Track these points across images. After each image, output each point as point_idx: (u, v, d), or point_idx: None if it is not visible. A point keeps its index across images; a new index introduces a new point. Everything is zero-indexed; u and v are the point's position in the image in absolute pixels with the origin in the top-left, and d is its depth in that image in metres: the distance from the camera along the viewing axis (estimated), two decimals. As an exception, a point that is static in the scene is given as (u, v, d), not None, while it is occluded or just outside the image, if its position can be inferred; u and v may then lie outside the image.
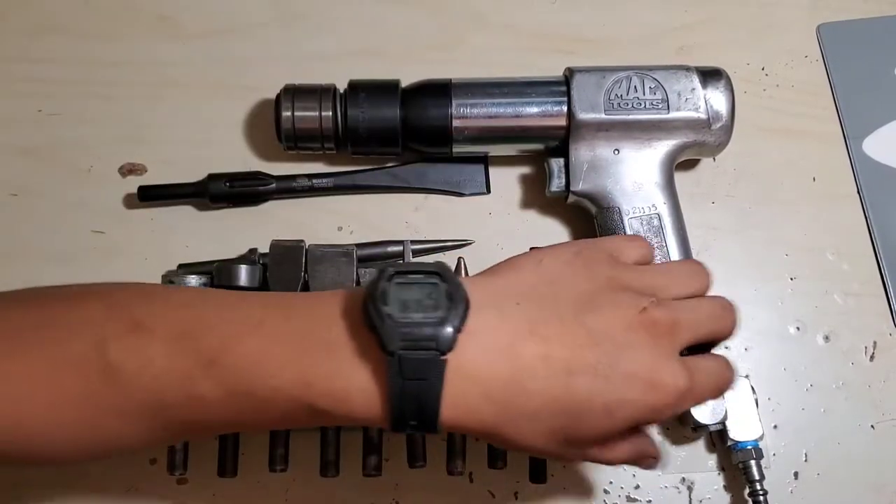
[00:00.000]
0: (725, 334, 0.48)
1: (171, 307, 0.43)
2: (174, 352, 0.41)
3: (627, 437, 0.45)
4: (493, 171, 0.64)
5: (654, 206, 0.58)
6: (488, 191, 0.63)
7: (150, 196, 0.61)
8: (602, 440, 0.43)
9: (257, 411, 0.42)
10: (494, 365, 0.41)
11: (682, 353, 0.45)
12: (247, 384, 0.41)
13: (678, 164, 0.60)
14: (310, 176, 0.62)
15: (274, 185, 0.61)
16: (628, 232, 0.57)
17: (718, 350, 0.49)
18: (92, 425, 0.42)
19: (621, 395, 0.41)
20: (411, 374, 0.39)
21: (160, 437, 0.44)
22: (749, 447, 0.55)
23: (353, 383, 0.41)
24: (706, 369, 0.45)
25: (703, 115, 0.58)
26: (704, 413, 0.55)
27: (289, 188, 0.62)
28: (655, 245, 0.57)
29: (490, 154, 0.63)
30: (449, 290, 0.41)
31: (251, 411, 0.42)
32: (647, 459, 0.46)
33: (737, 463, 0.55)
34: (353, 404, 0.41)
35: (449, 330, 0.40)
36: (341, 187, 0.62)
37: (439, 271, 0.41)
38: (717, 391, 0.46)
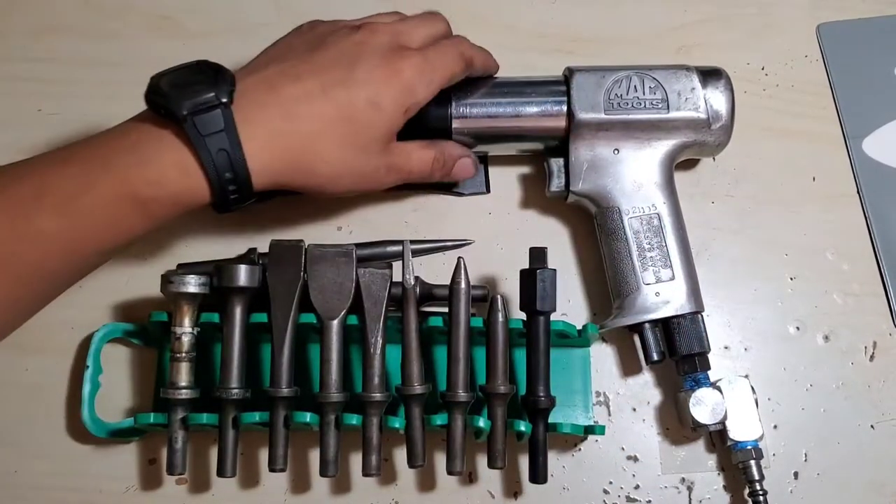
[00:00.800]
0: (462, 64, 0.55)
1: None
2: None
3: (428, 146, 0.56)
4: (492, 170, 0.64)
5: (653, 205, 0.58)
6: (488, 190, 0.63)
7: None
8: (389, 139, 0.53)
9: (92, 226, 0.47)
10: (268, 109, 0.49)
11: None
12: (74, 204, 0.46)
13: (678, 163, 0.60)
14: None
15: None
16: (629, 233, 0.57)
17: (720, 351, 0.49)
18: None
19: (375, 87, 0.51)
20: (208, 127, 0.47)
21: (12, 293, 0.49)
22: (749, 447, 0.55)
23: (164, 162, 0.47)
24: (439, 48, 0.54)
25: (702, 115, 0.58)
26: (704, 413, 0.55)
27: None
28: (655, 245, 0.57)
29: (490, 154, 0.63)
30: (209, 64, 0.50)
31: (85, 228, 0.47)
32: (456, 161, 0.58)
33: (737, 463, 0.55)
34: (170, 180, 0.47)
35: (224, 85, 0.48)
36: (341, 187, 0.62)
37: (199, 61, 0.50)
38: (454, 63, 0.55)
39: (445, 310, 0.54)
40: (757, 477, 0.55)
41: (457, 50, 0.55)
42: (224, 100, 0.48)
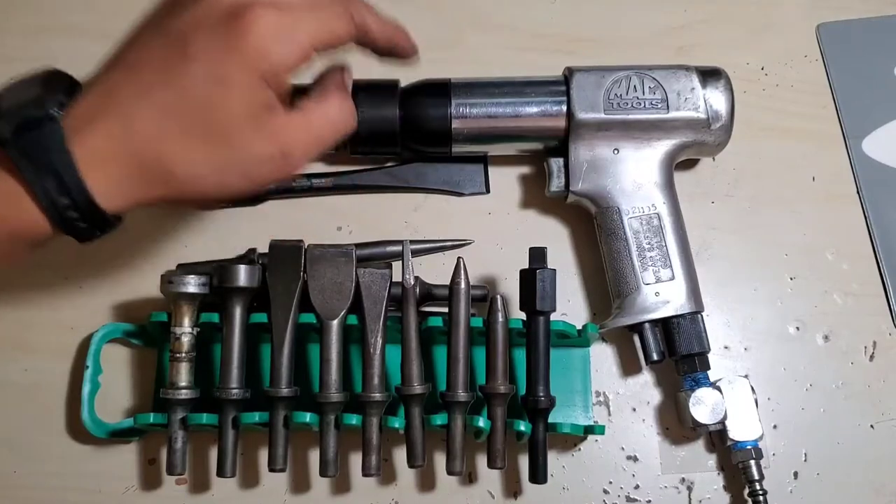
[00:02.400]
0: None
1: None
2: None
3: (321, 101, 0.46)
4: (492, 170, 0.64)
5: (653, 205, 0.58)
6: (487, 190, 0.63)
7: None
8: (258, 117, 0.42)
9: None
10: (106, 116, 0.41)
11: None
12: None
13: (678, 163, 0.60)
14: (309, 176, 0.62)
15: (273, 185, 0.61)
16: (628, 233, 0.57)
17: (720, 351, 0.49)
18: None
19: (214, 59, 0.41)
20: (34, 148, 0.40)
21: None
22: (749, 447, 0.55)
23: (4, 217, 0.41)
24: (310, 2, 0.44)
25: (702, 115, 0.58)
26: (704, 413, 0.55)
27: (288, 188, 0.62)
28: (655, 245, 0.57)
29: (489, 154, 0.63)
30: (51, 70, 0.43)
31: None
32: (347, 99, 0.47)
33: (736, 463, 0.55)
34: (4, 212, 0.41)
35: (54, 96, 0.41)
36: (340, 187, 0.62)
37: (40, 70, 0.43)
38: (332, 20, 0.44)
39: (445, 310, 0.54)
40: (757, 477, 0.55)
41: (340, 6, 0.44)
42: (52, 112, 0.40)
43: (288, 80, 0.44)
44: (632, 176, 0.58)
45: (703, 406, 0.55)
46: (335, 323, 0.53)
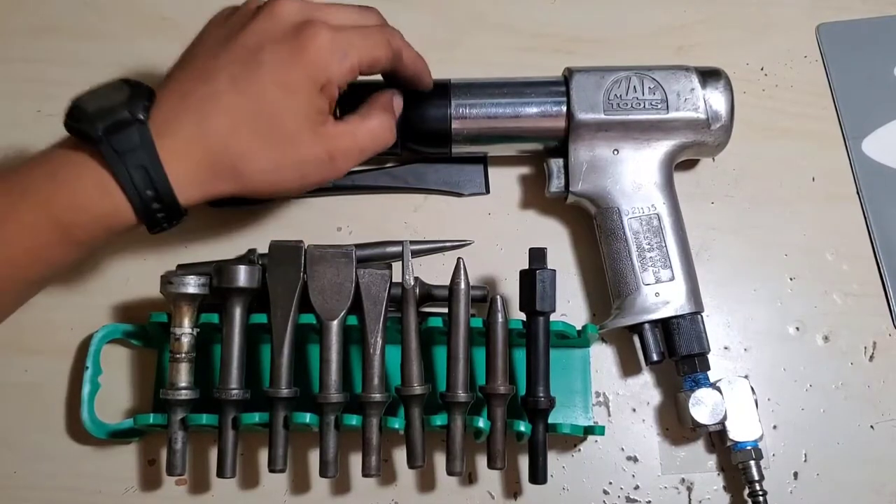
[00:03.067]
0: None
1: None
2: None
3: (371, 114, 0.53)
4: (492, 171, 0.64)
5: (653, 206, 0.58)
6: (487, 191, 0.63)
7: None
8: (315, 122, 0.49)
9: (15, 256, 0.46)
10: (182, 118, 0.47)
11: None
12: None
13: (677, 164, 0.60)
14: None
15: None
16: (628, 234, 0.57)
17: (720, 351, 0.48)
18: None
19: (280, 68, 0.48)
20: (124, 146, 0.45)
21: None
22: (748, 447, 0.55)
23: (84, 185, 0.46)
24: (359, 28, 0.51)
25: (702, 116, 0.58)
26: (704, 413, 0.55)
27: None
28: (655, 245, 0.57)
29: (489, 154, 0.63)
30: (126, 80, 0.48)
31: (8, 259, 0.46)
32: (393, 117, 0.54)
33: (736, 463, 0.55)
34: (91, 203, 0.46)
35: (139, 101, 0.46)
36: (340, 187, 0.62)
37: (118, 79, 0.48)
38: (375, 46, 0.51)
39: (445, 310, 0.54)
40: (757, 477, 0.55)
41: (382, 35, 0.51)
42: (140, 116, 0.46)
43: (336, 94, 0.50)
44: (631, 176, 0.58)
45: (702, 406, 0.55)
46: (335, 323, 0.53)
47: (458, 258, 0.53)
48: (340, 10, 0.51)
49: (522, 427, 0.53)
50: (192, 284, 0.53)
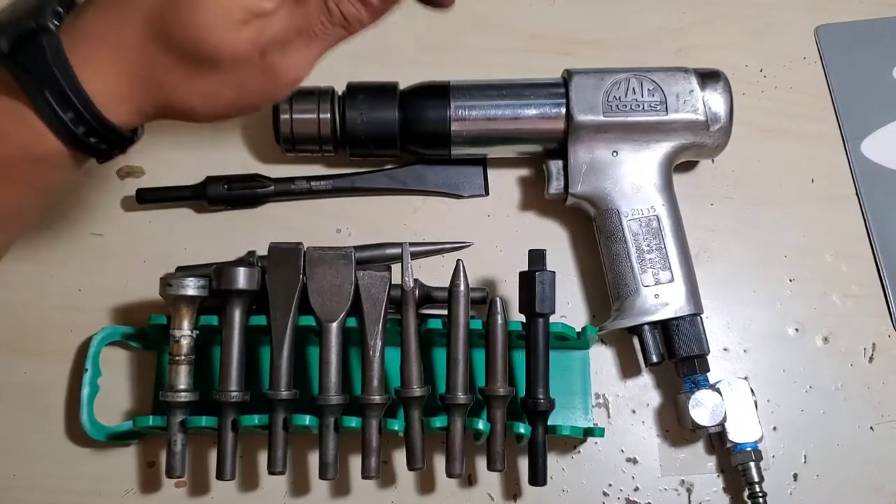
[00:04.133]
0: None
1: None
2: None
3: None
4: (491, 173, 0.64)
5: (652, 207, 0.58)
6: (486, 193, 0.63)
7: (148, 199, 0.61)
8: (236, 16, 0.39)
9: None
10: (105, 18, 0.40)
11: None
12: None
13: (677, 165, 0.60)
14: (308, 178, 0.62)
15: (272, 187, 0.61)
16: (628, 235, 0.57)
17: (719, 353, 0.48)
18: None
19: None
20: (30, 60, 0.39)
21: None
22: (748, 449, 0.55)
23: (16, 139, 0.40)
24: None
25: (701, 117, 0.58)
26: (704, 415, 0.55)
27: (287, 190, 0.62)
28: (654, 247, 0.57)
29: (489, 156, 0.63)
30: None
31: None
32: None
33: (736, 465, 0.55)
34: (10, 131, 0.40)
35: (48, 7, 0.39)
36: (339, 189, 0.62)
37: None
38: None
39: (445, 312, 0.54)
40: (756, 479, 0.55)
41: None
42: (49, 25, 0.39)
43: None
44: (631, 178, 0.58)
45: (702, 408, 0.55)
46: (334, 325, 0.53)
47: (458, 260, 0.53)
48: None
49: (522, 429, 0.53)
50: (191, 286, 0.53)
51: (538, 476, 0.53)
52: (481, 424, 0.52)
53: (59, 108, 0.40)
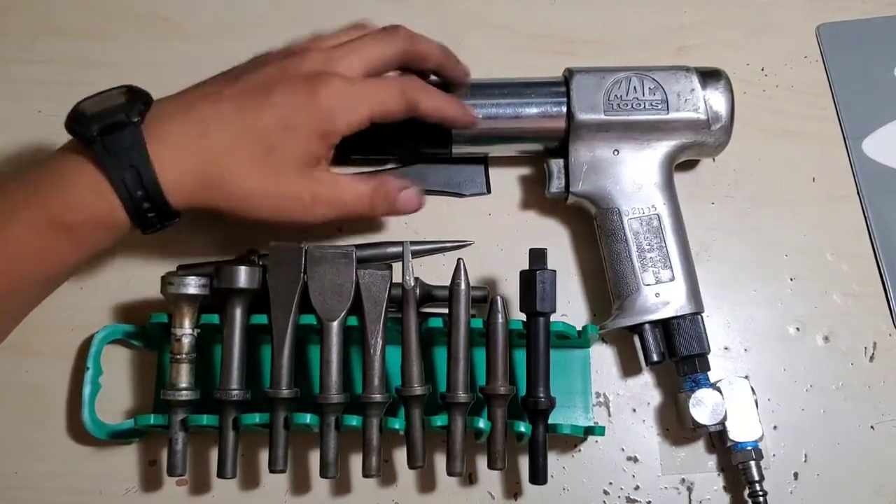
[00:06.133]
0: (395, 47, 0.54)
1: None
2: None
3: (363, 179, 0.55)
4: (492, 171, 0.64)
5: (653, 206, 0.58)
6: (489, 191, 0.63)
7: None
8: (307, 164, 0.52)
9: (19, 257, 0.49)
10: (181, 127, 0.50)
11: None
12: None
13: (678, 164, 0.60)
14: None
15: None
16: (628, 234, 0.57)
17: (720, 351, 0.48)
18: None
19: (288, 110, 0.50)
20: (116, 147, 0.47)
21: None
22: (749, 448, 0.55)
23: (81, 186, 0.48)
24: (376, 80, 0.53)
25: (702, 116, 0.58)
26: (704, 414, 0.55)
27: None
28: (655, 246, 0.57)
29: (490, 155, 0.63)
30: (129, 87, 0.50)
31: (13, 260, 0.49)
32: (399, 193, 0.55)
33: (736, 464, 0.55)
34: (86, 203, 0.48)
35: (135, 105, 0.48)
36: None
37: (118, 86, 0.51)
38: (389, 99, 0.53)
39: (445, 311, 0.54)
40: (757, 478, 0.55)
41: (398, 87, 0.53)
42: (134, 119, 0.48)
43: (335, 142, 0.53)
44: (632, 177, 0.58)
45: (703, 407, 0.55)
46: (335, 324, 0.53)
47: (459, 259, 0.53)
48: (359, 52, 0.53)
49: (523, 427, 0.53)
50: (192, 285, 0.53)
51: (539, 475, 0.53)
52: (482, 423, 0.52)
53: (133, 189, 0.48)
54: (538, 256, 0.54)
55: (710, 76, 0.59)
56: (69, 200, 0.48)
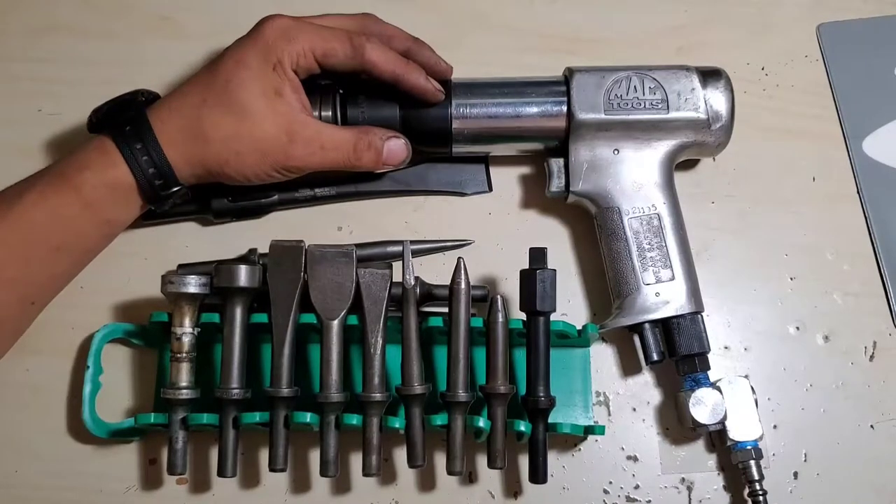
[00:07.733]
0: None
1: None
2: None
3: (345, 129, 0.57)
4: (492, 171, 0.64)
5: (653, 205, 0.58)
6: (490, 189, 0.63)
7: (153, 215, 0.60)
8: (266, 93, 0.54)
9: (35, 220, 0.53)
10: (174, 95, 0.56)
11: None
12: (17, 202, 0.53)
13: (678, 164, 0.60)
14: (312, 185, 0.62)
15: (276, 196, 0.61)
16: (629, 233, 0.57)
17: (720, 351, 0.48)
18: None
19: (239, 49, 0.55)
20: (124, 125, 0.54)
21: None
22: (749, 447, 0.55)
23: (88, 149, 0.54)
24: (322, 23, 0.56)
25: (702, 115, 0.58)
26: (704, 413, 0.55)
27: (292, 199, 0.61)
28: (655, 245, 0.57)
29: (490, 154, 0.63)
30: (139, 90, 0.58)
31: (31, 223, 0.53)
32: (385, 142, 0.57)
33: (736, 463, 0.55)
34: (94, 161, 0.54)
35: (137, 92, 0.58)
36: (344, 195, 0.62)
37: (136, 90, 0.58)
38: (333, 37, 0.55)
39: (445, 310, 0.54)
40: (757, 477, 0.55)
41: (344, 32, 0.55)
42: (139, 98, 0.57)
43: (292, 77, 0.55)
44: (632, 176, 0.58)
45: (703, 406, 0.55)
46: (335, 323, 0.53)
47: (459, 258, 0.53)
48: (320, 19, 0.57)
49: (523, 427, 0.53)
50: (192, 284, 0.53)
51: (539, 474, 0.53)
52: (482, 422, 0.52)
53: (133, 143, 0.53)
54: (538, 255, 0.54)
55: (710, 75, 0.59)
56: (80, 161, 0.54)
